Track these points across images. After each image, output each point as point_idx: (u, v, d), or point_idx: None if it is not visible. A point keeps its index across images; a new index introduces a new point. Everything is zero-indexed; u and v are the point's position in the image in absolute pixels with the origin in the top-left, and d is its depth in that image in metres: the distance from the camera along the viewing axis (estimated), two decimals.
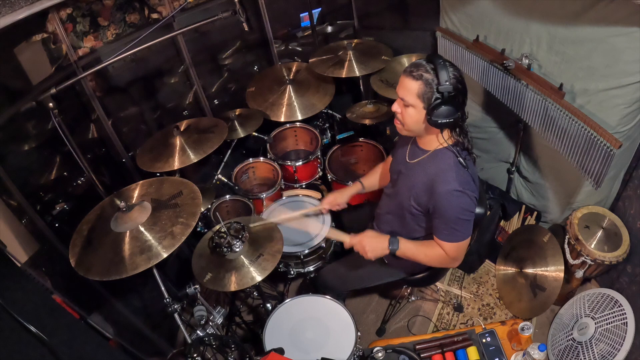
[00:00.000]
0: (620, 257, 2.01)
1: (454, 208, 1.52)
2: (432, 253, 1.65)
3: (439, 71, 1.43)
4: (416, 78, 1.47)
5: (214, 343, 1.54)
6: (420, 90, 1.47)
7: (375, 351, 1.68)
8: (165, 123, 2.65)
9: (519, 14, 1.98)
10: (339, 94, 2.79)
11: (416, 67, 1.48)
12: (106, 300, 2.08)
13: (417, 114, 1.52)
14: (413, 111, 1.52)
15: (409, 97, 1.50)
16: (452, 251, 1.61)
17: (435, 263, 1.70)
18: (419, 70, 1.46)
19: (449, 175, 1.52)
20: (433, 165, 1.59)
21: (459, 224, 1.54)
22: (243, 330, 2.44)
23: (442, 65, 1.44)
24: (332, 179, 2.56)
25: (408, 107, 1.52)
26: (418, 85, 1.47)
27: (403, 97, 1.52)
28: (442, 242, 1.60)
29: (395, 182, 1.80)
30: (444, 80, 1.42)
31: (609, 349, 1.86)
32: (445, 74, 1.43)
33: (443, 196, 1.51)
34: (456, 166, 1.53)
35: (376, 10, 3.03)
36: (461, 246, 1.60)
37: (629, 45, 1.60)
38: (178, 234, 1.51)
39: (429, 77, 1.45)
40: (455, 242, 1.58)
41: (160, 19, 2.42)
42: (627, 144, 1.90)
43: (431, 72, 1.45)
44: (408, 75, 1.49)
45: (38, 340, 1.07)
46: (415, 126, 1.56)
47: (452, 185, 1.50)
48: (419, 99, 1.48)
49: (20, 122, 1.95)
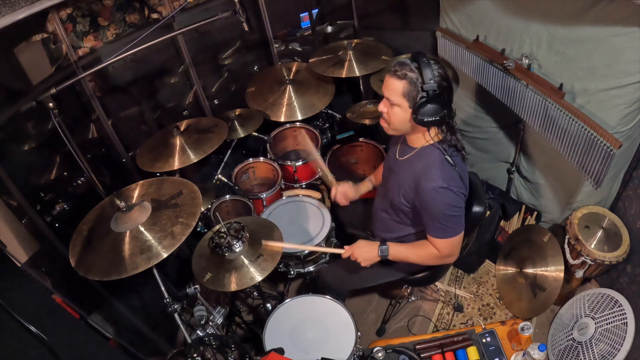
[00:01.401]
0: (620, 257, 2.01)
1: (438, 204, 1.52)
2: (424, 252, 1.66)
3: (423, 70, 1.43)
4: (400, 77, 1.47)
5: (214, 343, 1.54)
6: (405, 89, 1.47)
7: (375, 351, 1.68)
8: (165, 123, 2.65)
9: (519, 14, 1.98)
10: (339, 94, 2.79)
11: (400, 66, 1.47)
12: (106, 300, 2.08)
13: (403, 113, 1.52)
14: (399, 110, 1.52)
15: (394, 96, 1.50)
16: (444, 248, 1.61)
17: (429, 261, 1.70)
18: (403, 70, 1.46)
19: (433, 172, 1.52)
20: (420, 162, 1.59)
21: (447, 220, 1.54)
22: (243, 330, 2.44)
23: (426, 63, 1.43)
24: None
25: (394, 107, 1.53)
26: (403, 84, 1.47)
27: (388, 96, 1.52)
28: (434, 239, 1.60)
29: (386, 180, 1.81)
30: (429, 79, 1.42)
31: (609, 349, 1.87)
32: (430, 73, 1.42)
33: (427, 193, 1.51)
34: (441, 163, 1.54)
35: (376, 10, 3.03)
36: (454, 242, 1.60)
37: (629, 45, 1.60)
38: (178, 234, 1.51)
39: (414, 76, 1.45)
40: (447, 238, 1.58)
41: (160, 19, 2.42)
42: (627, 144, 1.90)
43: (415, 70, 1.45)
44: (392, 74, 1.49)
45: (38, 340, 1.07)
46: (402, 125, 1.56)
47: (437, 182, 1.50)
48: (404, 98, 1.48)
49: (20, 122, 1.95)
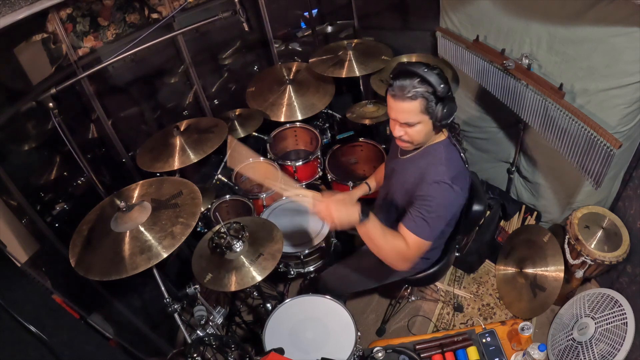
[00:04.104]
0: (620, 257, 2.01)
1: (435, 198, 1.49)
2: (393, 241, 1.53)
3: (430, 79, 1.42)
4: (413, 98, 1.44)
5: (214, 343, 1.54)
6: (422, 106, 1.46)
7: (375, 351, 1.69)
8: (165, 123, 2.65)
9: (519, 14, 1.98)
10: (339, 94, 2.79)
11: (404, 88, 1.44)
12: (106, 300, 2.08)
13: (426, 127, 1.51)
14: (421, 127, 1.51)
15: (413, 118, 1.48)
16: (413, 246, 1.51)
17: (390, 253, 1.55)
18: (411, 90, 1.43)
19: (440, 168, 1.52)
20: (424, 160, 1.59)
21: (434, 218, 1.49)
22: (243, 330, 2.44)
23: (427, 72, 1.43)
24: (332, 179, 2.56)
25: (414, 126, 1.51)
26: (418, 103, 1.45)
27: (407, 120, 1.49)
28: (409, 233, 1.51)
29: (389, 180, 1.81)
30: (439, 85, 1.42)
31: (609, 349, 1.87)
32: (435, 79, 1.42)
33: (431, 185, 1.50)
34: (447, 161, 1.54)
35: (376, 10, 3.03)
36: (422, 245, 1.52)
37: (629, 45, 1.60)
38: (178, 234, 1.51)
39: (424, 90, 1.43)
40: (420, 236, 1.50)
41: (160, 19, 2.42)
42: (627, 144, 1.90)
43: (423, 84, 1.43)
44: (401, 99, 1.46)
45: (38, 340, 1.07)
46: (426, 137, 1.56)
47: (441, 177, 1.50)
48: (424, 114, 1.47)
49: (20, 122, 1.95)
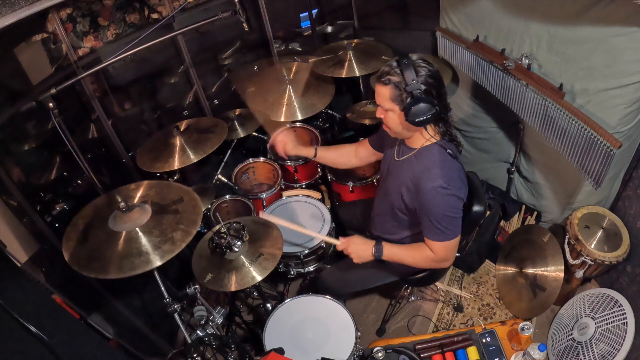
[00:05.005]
0: (620, 257, 2.01)
1: (438, 205, 1.51)
2: (419, 255, 1.65)
3: (404, 72, 1.44)
4: (385, 83, 1.49)
5: (214, 343, 1.54)
6: (391, 94, 1.49)
7: (375, 351, 1.68)
8: (165, 123, 2.65)
9: (519, 14, 1.98)
10: (339, 94, 2.78)
11: (385, 72, 1.49)
12: (106, 300, 2.08)
13: (396, 117, 1.54)
14: (392, 115, 1.54)
15: (384, 102, 1.53)
16: (440, 251, 1.60)
17: (424, 264, 1.70)
18: (387, 75, 1.48)
19: (434, 172, 1.52)
20: (419, 163, 1.59)
21: (445, 222, 1.53)
22: (243, 330, 2.44)
23: (406, 65, 1.44)
24: (332, 179, 2.56)
25: (388, 112, 1.55)
26: (389, 89, 1.49)
27: (380, 103, 1.55)
28: (431, 241, 1.59)
29: (384, 181, 1.81)
30: (411, 80, 1.43)
31: (609, 349, 1.87)
32: (411, 74, 1.43)
33: (427, 192, 1.51)
34: (441, 163, 1.54)
35: (376, 10, 3.03)
36: (450, 245, 1.59)
37: (629, 45, 1.60)
38: (178, 240, 1.49)
39: (397, 79, 1.46)
40: (444, 241, 1.57)
41: (160, 19, 2.42)
42: (627, 144, 1.90)
43: (398, 74, 1.46)
44: (378, 81, 1.52)
45: (38, 340, 1.07)
46: (399, 128, 1.57)
47: (437, 182, 1.50)
48: (394, 102, 1.50)
49: (20, 122, 1.95)
